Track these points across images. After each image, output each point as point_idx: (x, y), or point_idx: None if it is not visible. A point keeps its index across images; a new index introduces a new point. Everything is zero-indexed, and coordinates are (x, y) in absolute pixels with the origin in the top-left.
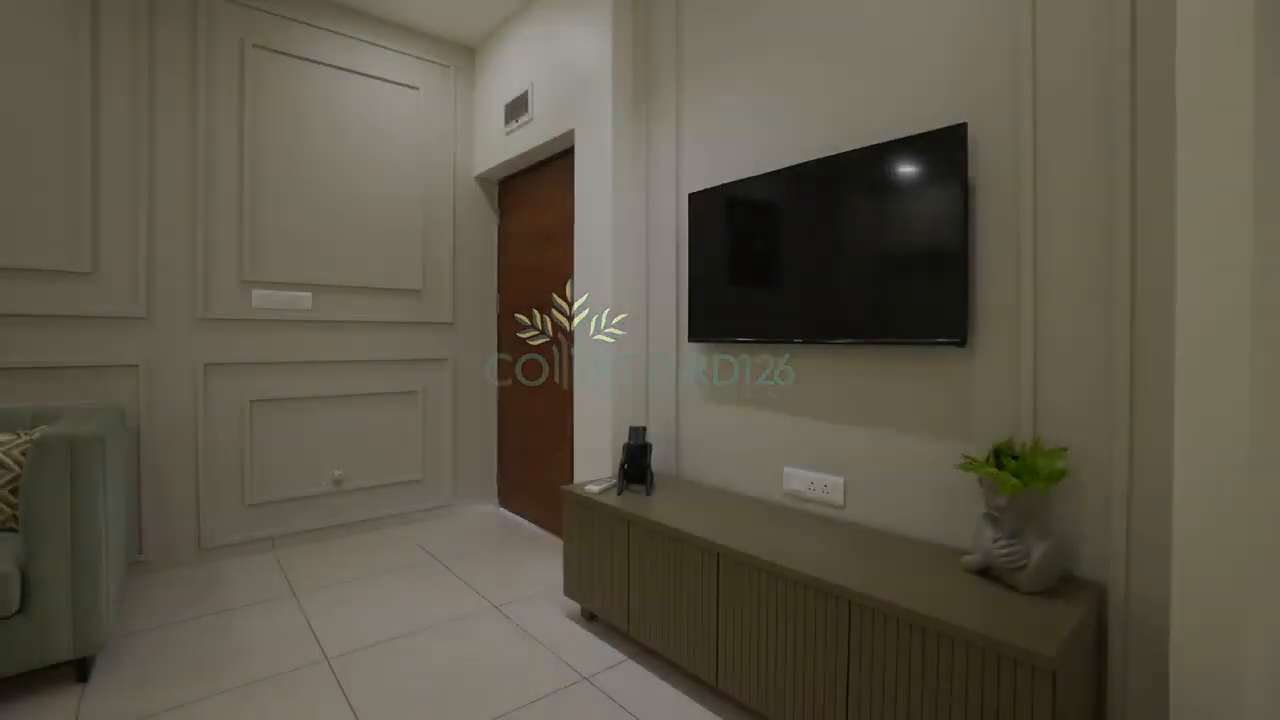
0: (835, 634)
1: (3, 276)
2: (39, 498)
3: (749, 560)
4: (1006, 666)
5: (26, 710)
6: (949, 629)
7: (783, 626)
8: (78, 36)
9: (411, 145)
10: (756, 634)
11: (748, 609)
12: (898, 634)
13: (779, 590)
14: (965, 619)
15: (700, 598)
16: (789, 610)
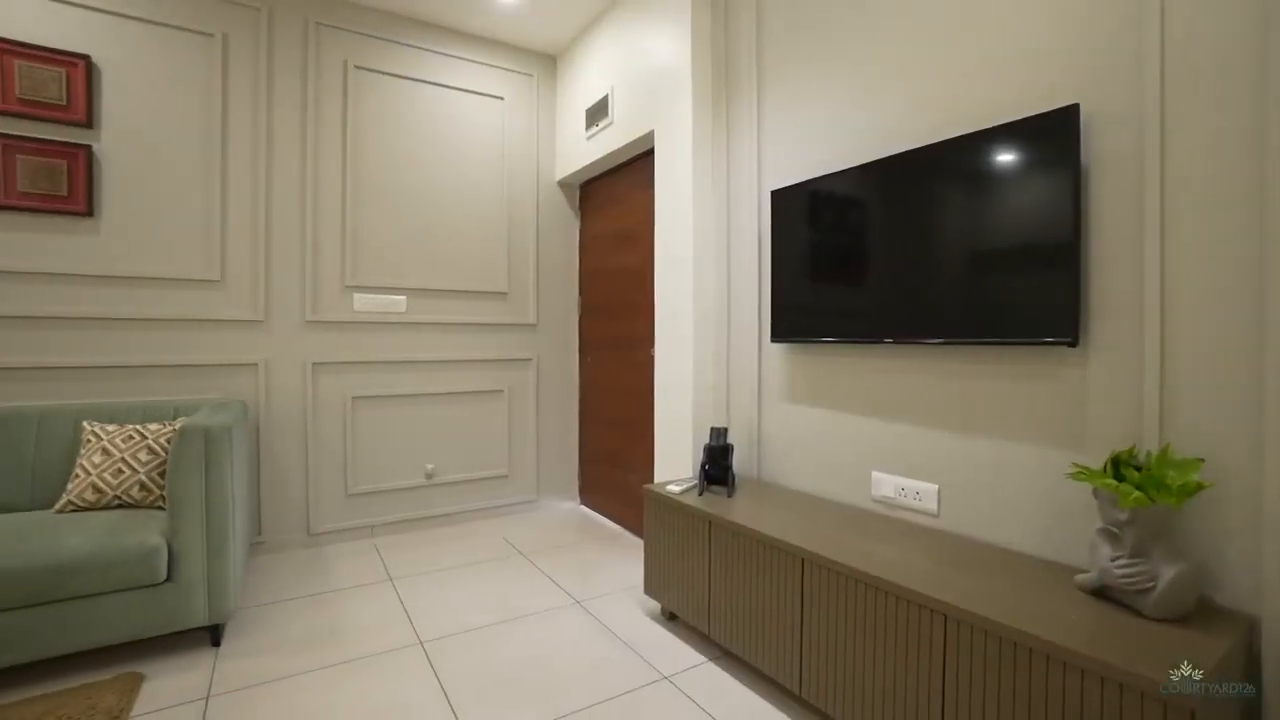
0: (930, 649)
1: (154, 285)
2: (180, 480)
3: (836, 567)
4: (1131, 699)
5: (174, 665)
6: (1062, 652)
7: (872, 638)
8: (211, 74)
9: (497, 153)
10: (843, 644)
11: (834, 618)
12: (1000, 653)
13: (868, 600)
14: (1082, 643)
15: (784, 604)
16: (879, 621)
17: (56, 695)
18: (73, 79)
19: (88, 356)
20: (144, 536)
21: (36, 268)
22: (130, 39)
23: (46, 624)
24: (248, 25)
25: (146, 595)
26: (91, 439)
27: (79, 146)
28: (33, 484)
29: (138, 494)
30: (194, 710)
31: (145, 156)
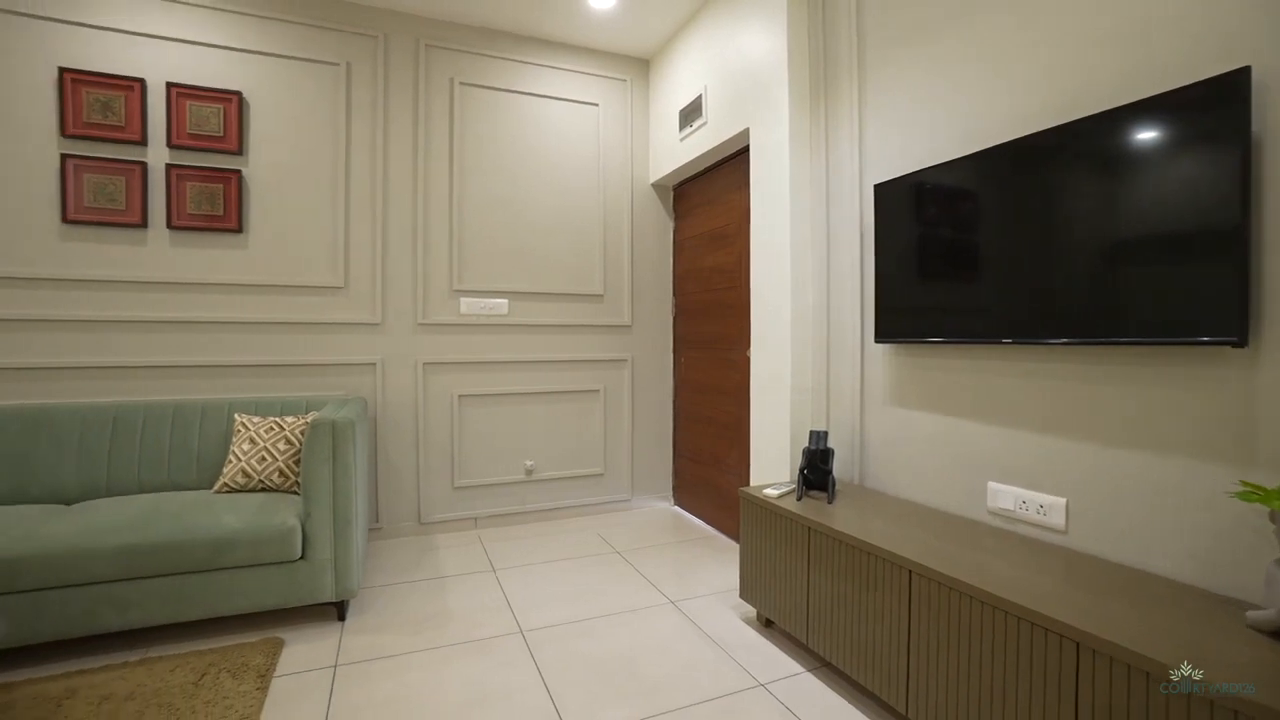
0: (1058, 678)
1: (289, 292)
2: (312, 469)
3: (948, 582)
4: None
5: (307, 634)
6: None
7: (988, 660)
8: (336, 99)
9: (592, 158)
10: (956, 664)
11: (946, 636)
12: (1148, 695)
13: (984, 619)
14: (1269, 695)
15: (888, 617)
16: (997, 643)
17: (217, 651)
18: (228, 113)
19: (238, 356)
20: (283, 518)
21: (201, 279)
22: (272, 74)
23: (208, 589)
24: (368, 52)
25: (285, 570)
26: (241, 429)
27: (232, 171)
28: (198, 466)
29: (277, 479)
30: (324, 676)
31: (283, 177)
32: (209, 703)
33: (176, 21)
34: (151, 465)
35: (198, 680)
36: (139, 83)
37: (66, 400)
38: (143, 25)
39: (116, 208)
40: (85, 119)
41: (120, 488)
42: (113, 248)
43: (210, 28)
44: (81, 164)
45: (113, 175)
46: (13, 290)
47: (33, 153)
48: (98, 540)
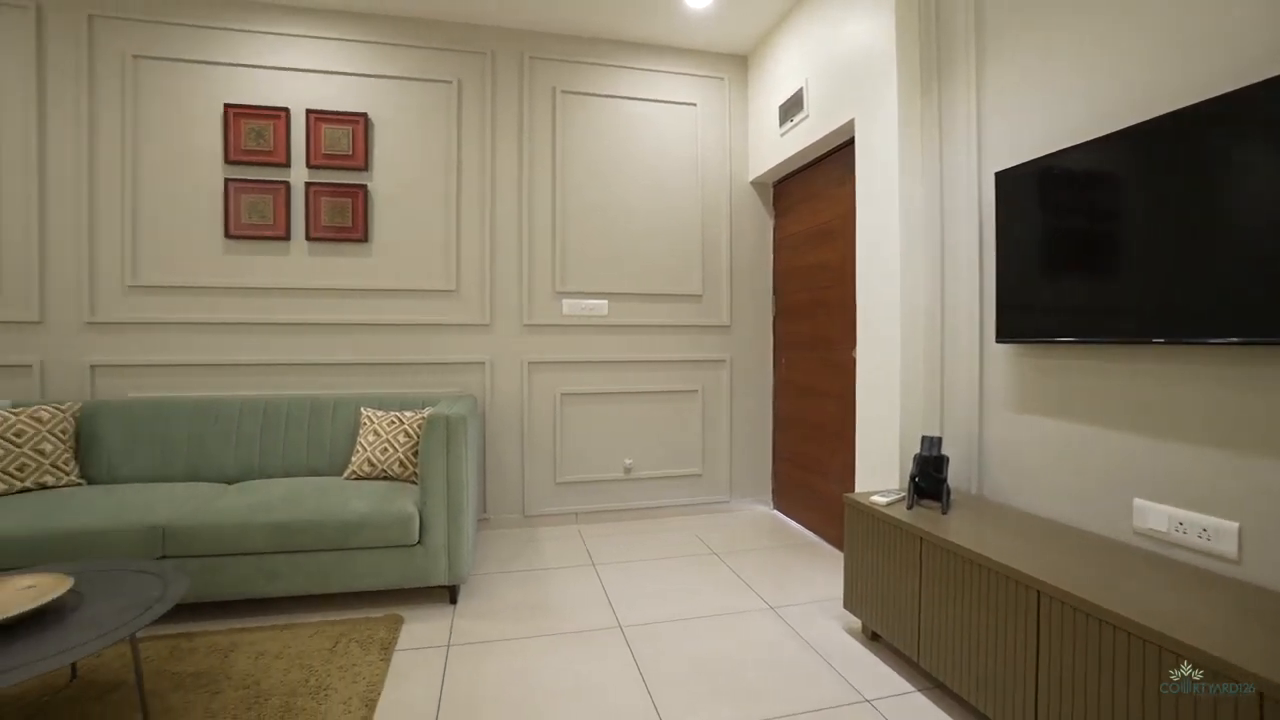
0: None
1: (407, 296)
2: (428, 460)
3: (1087, 608)
4: None
5: (423, 614)
6: None
7: (1136, 700)
8: (449, 115)
9: (690, 159)
10: (1095, 701)
11: (1083, 667)
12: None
13: (1134, 654)
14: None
15: (1012, 641)
16: (1150, 683)
17: (347, 622)
18: (356, 133)
19: (364, 355)
20: (403, 505)
21: (333, 285)
22: (393, 95)
23: (340, 566)
24: (476, 69)
25: (404, 553)
26: (367, 422)
27: (359, 186)
28: (330, 455)
29: (397, 469)
30: (439, 654)
31: (401, 190)
32: (341, 668)
33: (314, 55)
34: (293, 452)
35: (332, 647)
36: (284, 111)
37: (228, 393)
38: (287, 61)
39: (266, 223)
40: (243, 146)
41: (269, 471)
42: (263, 259)
43: (341, 58)
44: (240, 186)
45: (263, 194)
46: (187, 297)
47: (203, 178)
48: (254, 517)
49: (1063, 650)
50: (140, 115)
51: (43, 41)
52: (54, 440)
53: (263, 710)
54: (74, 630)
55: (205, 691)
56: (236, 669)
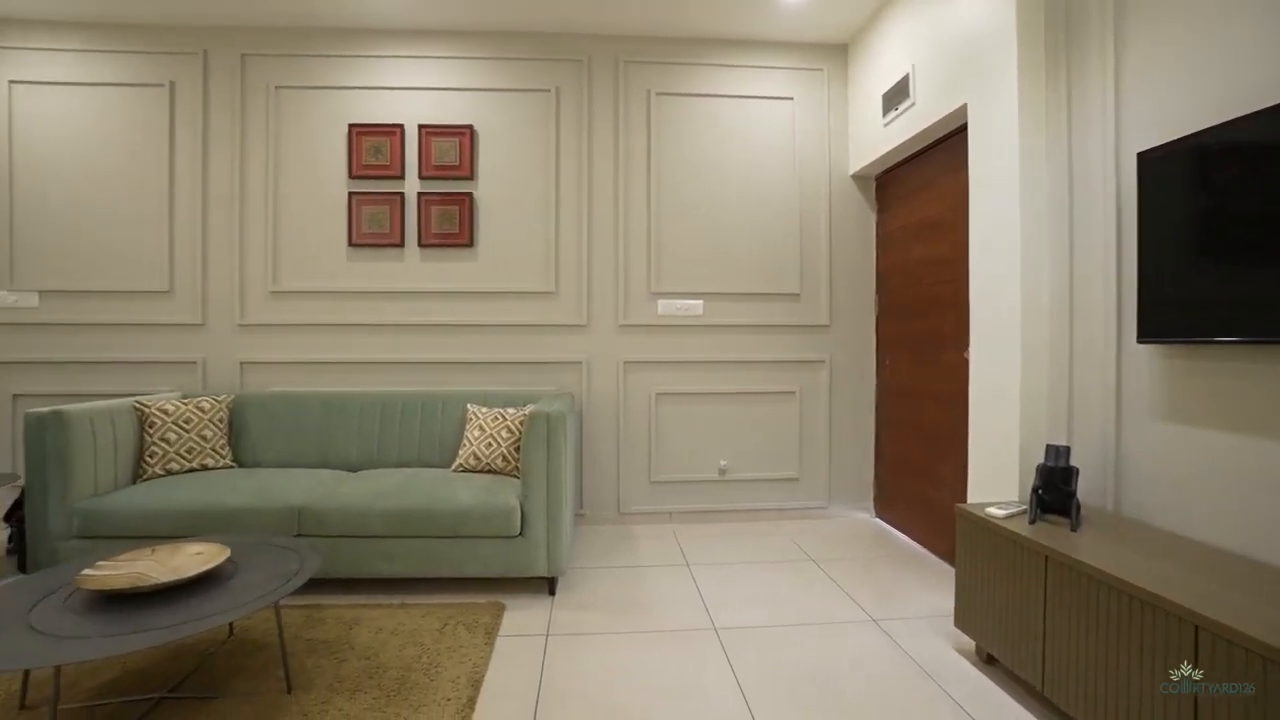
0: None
1: (509, 298)
2: (529, 455)
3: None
4: None
5: (523, 603)
6: None
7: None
8: (547, 122)
9: (787, 154)
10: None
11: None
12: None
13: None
14: None
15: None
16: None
17: (454, 606)
18: (462, 145)
19: (470, 354)
20: (506, 497)
21: (442, 288)
22: (496, 106)
23: (449, 552)
24: (573, 76)
25: (506, 544)
26: (472, 418)
27: (465, 194)
28: (440, 448)
29: (500, 464)
30: (538, 643)
31: (504, 196)
32: (450, 648)
33: (426, 74)
34: (407, 445)
35: (441, 628)
36: (399, 128)
37: (352, 389)
38: (402, 81)
39: (383, 232)
40: (364, 161)
41: (386, 461)
42: (380, 265)
43: (450, 75)
44: (361, 198)
45: (381, 205)
46: (317, 301)
47: (331, 192)
48: (373, 503)
49: (1229, 701)
50: (280, 139)
51: (207, 81)
52: (213, 428)
53: (382, 680)
54: (233, 593)
55: (334, 658)
56: (359, 641)
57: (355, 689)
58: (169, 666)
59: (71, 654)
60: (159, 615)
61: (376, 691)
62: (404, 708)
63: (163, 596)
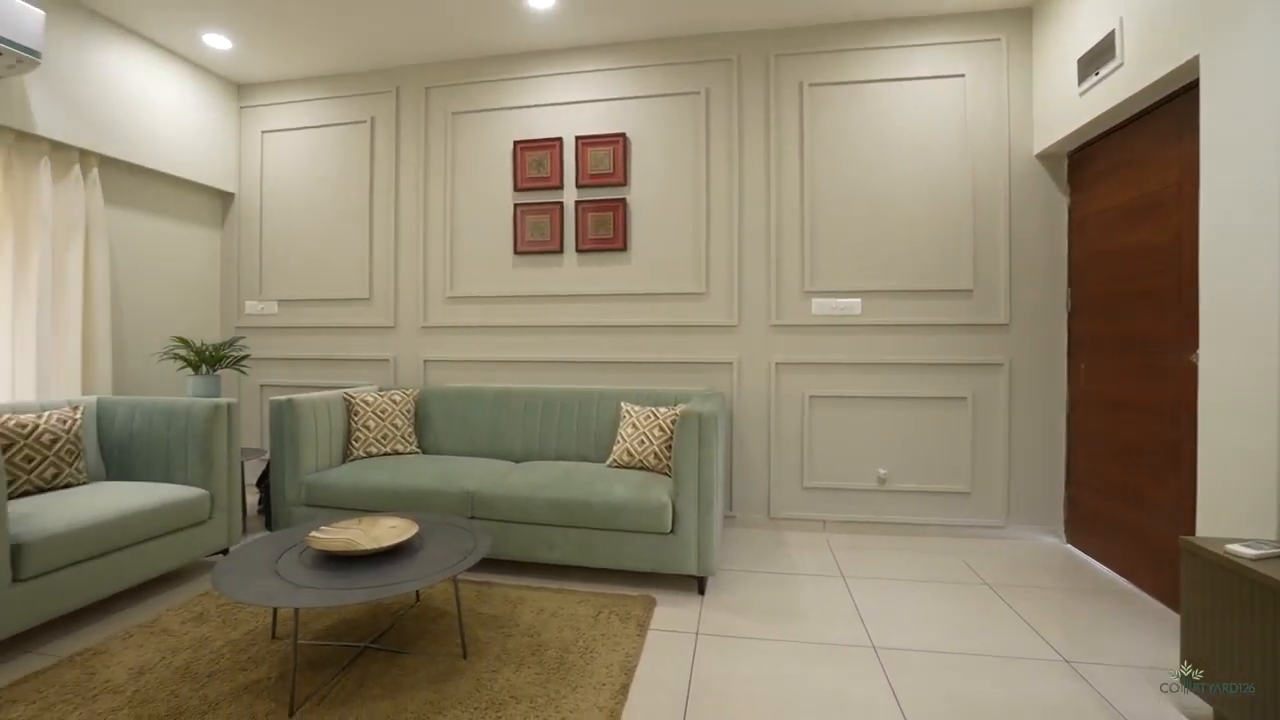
0: None
1: (660, 299)
2: (681, 454)
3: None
4: None
5: (673, 600)
6: None
7: None
8: (696, 124)
9: (957, 138)
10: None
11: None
12: None
13: None
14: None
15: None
16: None
17: (607, 596)
18: (616, 152)
19: (623, 354)
20: (658, 494)
21: (597, 291)
22: (647, 112)
23: (604, 544)
24: (723, 75)
25: (657, 540)
26: (626, 416)
27: (619, 200)
28: (595, 443)
29: (652, 461)
30: (688, 640)
31: (655, 199)
32: (603, 635)
33: (582, 88)
34: (565, 439)
35: (595, 615)
36: (558, 141)
37: (516, 385)
38: (561, 97)
39: (544, 239)
40: (527, 175)
41: (546, 454)
42: (541, 270)
43: (604, 87)
44: (525, 209)
45: (542, 215)
46: (487, 305)
47: (499, 205)
48: (537, 492)
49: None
50: (456, 159)
51: (398, 114)
52: (403, 418)
53: (543, 657)
54: (420, 564)
55: (500, 632)
56: (523, 619)
57: (520, 662)
58: (370, 621)
59: (307, 600)
60: (365, 576)
61: (538, 667)
62: (562, 686)
63: (367, 561)
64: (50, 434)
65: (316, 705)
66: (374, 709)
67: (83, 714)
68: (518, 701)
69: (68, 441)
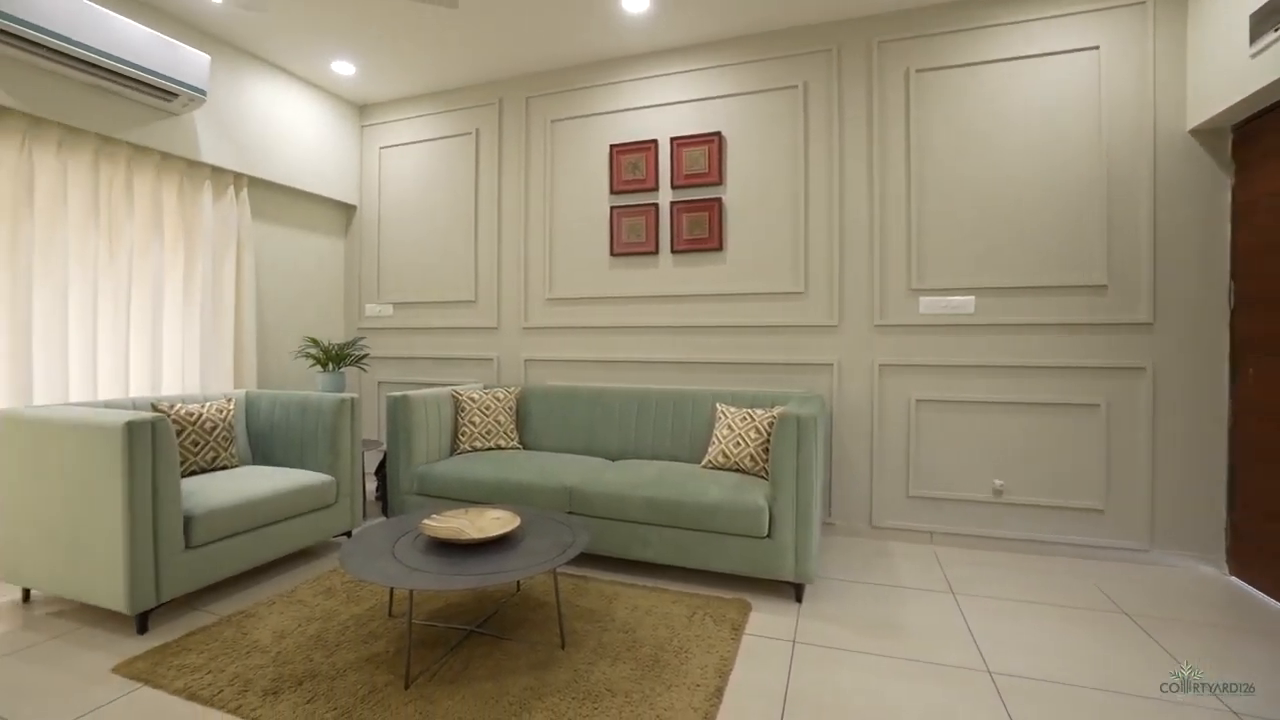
0: None
1: (757, 300)
2: (779, 457)
3: None
4: None
5: (769, 606)
6: None
7: None
8: (795, 119)
9: (1088, 116)
10: None
11: None
12: None
13: None
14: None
15: None
16: None
17: (701, 597)
18: (711, 152)
19: (718, 355)
20: (754, 497)
21: (692, 291)
22: (743, 109)
23: (699, 545)
24: (822, 67)
25: (753, 544)
26: (721, 417)
27: (714, 200)
28: (690, 444)
29: (748, 464)
30: (784, 648)
31: (752, 197)
32: (698, 636)
33: (677, 89)
34: (660, 439)
35: (690, 616)
36: (653, 143)
37: (612, 385)
38: (656, 99)
39: (640, 241)
40: (623, 178)
41: (641, 453)
42: (636, 271)
43: (698, 86)
44: (621, 211)
45: (637, 217)
46: (584, 307)
47: (596, 209)
48: (632, 491)
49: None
50: (555, 165)
51: (501, 123)
52: (506, 414)
53: (638, 654)
54: (523, 555)
55: (597, 626)
56: (618, 614)
57: (615, 657)
58: (475, 606)
59: (420, 582)
60: (472, 564)
61: (633, 663)
62: (657, 684)
63: (474, 549)
64: (211, 422)
65: (428, 681)
66: (479, 689)
67: (238, 666)
68: (613, 695)
69: (223, 429)
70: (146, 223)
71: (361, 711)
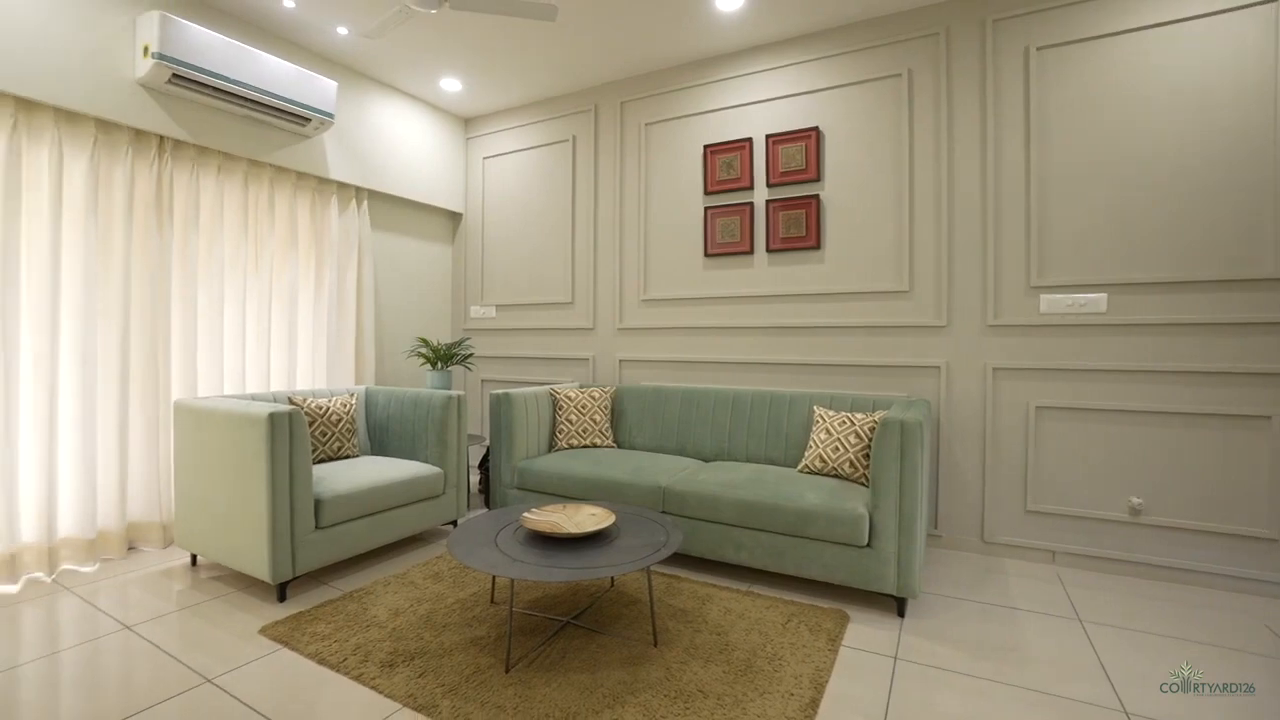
0: None
1: (857, 299)
2: (880, 464)
3: None
4: None
5: (868, 618)
6: None
7: None
8: (899, 110)
9: (1251, 84)
10: None
11: None
12: None
13: None
14: None
15: None
16: None
17: (796, 605)
18: (808, 148)
19: (816, 356)
20: (854, 505)
21: (788, 291)
22: (842, 102)
23: (793, 551)
24: (928, 53)
25: (852, 553)
26: (819, 420)
27: (811, 197)
28: (786, 447)
29: (847, 469)
30: (884, 664)
31: (851, 193)
32: (792, 644)
33: (771, 85)
34: (754, 441)
35: (784, 622)
36: (748, 141)
37: (706, 385)
38: (750, 97)
39: (734, 240)
40: (717, 178)
41: (735, 455)
42: (731, 272)
43: (794, 81)
44: (715, 211)
45: (732, 216)
46: (678, 307)
47: (690, 210)
48: (726, 492)
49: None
50: (649, 168)
51: (597, 129)
52: (602, 413)
53: (730, 658)
54: (617, 552)
55: (689, 626)
56: (710, 616)
57: (707, 659)
58: (571, 598)
59: (520, 572)
60: (569, 558)
61: (726, 666)
62: (749, 689)
63: (570, 543)
64: (336, 415)
65: (526, 668)
66: (575, 679)
67: (360, 638)
68: (705, 696)
69: (347, 422)
70: (284, 235)
71: (466, 690)
